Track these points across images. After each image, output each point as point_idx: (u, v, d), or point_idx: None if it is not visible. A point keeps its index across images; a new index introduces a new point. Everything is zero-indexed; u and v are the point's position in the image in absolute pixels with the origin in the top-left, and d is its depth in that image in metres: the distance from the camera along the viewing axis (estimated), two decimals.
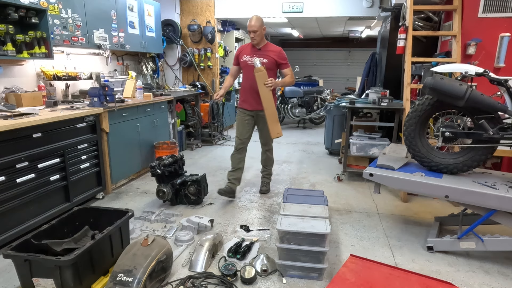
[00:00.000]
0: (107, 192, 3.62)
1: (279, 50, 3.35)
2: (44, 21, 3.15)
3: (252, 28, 3.20)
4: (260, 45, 3.31)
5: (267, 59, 3.25)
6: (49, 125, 2.80)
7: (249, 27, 3.21)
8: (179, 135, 5.27)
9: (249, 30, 3.23)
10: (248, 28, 3.22)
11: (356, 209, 3.34)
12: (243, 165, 3.55)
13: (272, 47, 3.36)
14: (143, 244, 2.08)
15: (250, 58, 3.30)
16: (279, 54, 3.32)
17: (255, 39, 3.24)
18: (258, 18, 3.22)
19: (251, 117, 3.44)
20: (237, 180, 3.51)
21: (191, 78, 6.62)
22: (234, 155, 3.51)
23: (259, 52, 3.30)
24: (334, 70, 12.34)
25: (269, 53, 3.29)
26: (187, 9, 6.36)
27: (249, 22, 3.22)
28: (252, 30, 3.20)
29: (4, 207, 2.47)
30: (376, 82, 5.22)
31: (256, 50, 3.32)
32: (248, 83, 3.33)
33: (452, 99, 2.32)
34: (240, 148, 3.47)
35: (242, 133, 3.45)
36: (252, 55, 3.31)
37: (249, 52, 3.35)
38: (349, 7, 5.76)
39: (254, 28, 3.19)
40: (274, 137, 3.24)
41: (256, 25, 3.19)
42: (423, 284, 1.85)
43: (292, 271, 2.24)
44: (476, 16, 3.45)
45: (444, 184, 2.34)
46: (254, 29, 3.20)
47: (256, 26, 3.19)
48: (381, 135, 4.27)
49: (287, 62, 3.39)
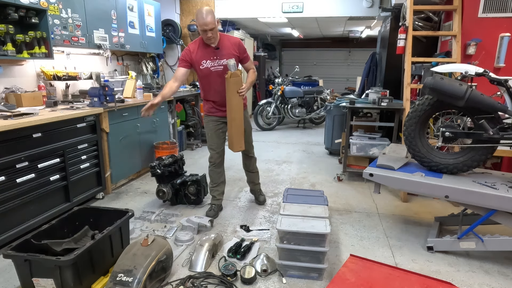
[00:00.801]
0: (107, 192, 3.62)
1: (238, 42, 2.84)
2: (44, 21, 3.15)
3: (209, 26, 2.58)
4: (216, 43, 2.74)
5: (230, 57, 2.72)
6: (49, 125, 2.80)
7: (203, 25, 2.58)
8: (179, 135, 5.27)
9: (204, 29, 2.60)
10: (202, 26, 2.59)
11: (356, 209, 3.34)
12: (225, 177, 3.25)
13: (229, 39, 2.83)
14: (143, 244, 2.08)
15: (212, 63, 2.78)
16: (239, 46, 2.82)
17: (213, 37, 2.67)
18: (210, 11, 2.61)
19: (224, 124, 3.01)
20: (222, 194, 3.23)
21: (191, 78, 6.62)
22: (214, 171, 3.12)
23: (220, 52, 2.76)
24: (334, 70, 12.35)
25: (230, 50, 2.79)
26: (187, 9, 6.36)
27: (203, 19, 2.56)
28: (209, 29, 2.60)
29: (4, 207, 2.47)
30: (376, 82, 5.22)
31: (213, 51, 2.76)
32: (217, 94, 2.87)
33: (452, 99, 2.32)
34: (219, 161, 3.11)
35: (219, 144, 3.05)
36: (213, 58, 2.76)
37: (207, 56, 2.77)
38: (349, 7, 5.76)
39: (211, 25, 2.59)
40: (237, 150, 2.90)
41: (213, 21, 2.59)
42: (423, 284, 1.85)
43: (292, 271, 2.24)
44: (476, 16, 3.45)
45: (444, 184, 2.34)
46: (211, 27, 2.59)
47: (212, 23, 2.59)
48: (381, 135, 4.27)
49: (247, 54, 2.92)
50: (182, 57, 2.84)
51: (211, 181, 3.18)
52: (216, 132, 3.03)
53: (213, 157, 3.11)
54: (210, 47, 2.77)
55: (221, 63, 2.79)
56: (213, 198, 3.20)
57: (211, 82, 2.87)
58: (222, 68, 2.80)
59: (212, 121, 3.02)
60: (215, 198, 3.19)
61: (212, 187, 3.19)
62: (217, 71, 2.81)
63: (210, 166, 3.15)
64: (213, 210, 3.13)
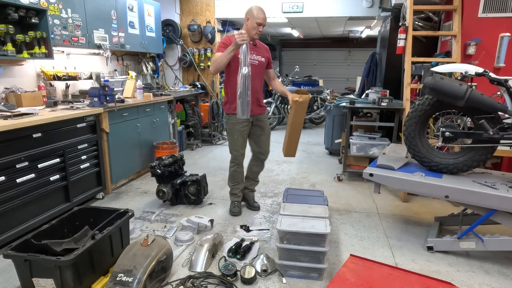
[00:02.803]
0: (107, 192, 3.62)
1: (268, 49, 3.05)
2: (44, 21, 3.15)
3: (265, 22, 2.82)
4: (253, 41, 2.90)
5: (263, 57, 2.94)
6: (49, 125, 2.80)
7: (263, 20, 2.78)
8: (179, 135, 5.27)
9: (261, 23, 2.78)
10: (261, 20, 2.78)
11: (356, 209, 3.34)
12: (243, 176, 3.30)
13: (263, 44, 3.04)
14: (143, 244, 2.08)
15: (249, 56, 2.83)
16: (268, 51, 3.02)
17: (260, 33, 2.87)
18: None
19: (249, 124, 3.01)
20: (241, 191, 3.28)
21: (191, 78, 6.62)
22: (237, 171, 3.15)
23: (256, 49, 2.91)
24: (334, 70, 12.35)
25: (263, 51, 2.97)
26: (187, 9, 6.36)
27: (263, 14, 2.78)
28: (264, 24, 2.82)
29: (4, 207, 2.47)
30: (376, 82, 5.22)
31: (251, 46, 2.87)
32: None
33: (452, 99, 2.32)
34: (242, 161, 3.14)
35: (244, 146, 3.06)
36: (250, 52, 2.80)
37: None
38: (349, 7, 5.76)
39: (265, 21, 2.82)
40: (287, 156, 2.95)
41: (266, 19, 2.83)
42: (423, 284, 1.85)
43: (292, 271, 2.24)
44: (476, 16, 3.45)
45: (444, 184, 2.34)
46: (265, 23, 2.82)
47: (266, 20, 2.83)
48: (381, 135, 4.27)
49: (271, 62, 3.12)
50: (222, 43, 2.82)
51: (234, 180, 3.21)
52: (241, 133, 3.00)
53: (237, 159, 3.10)
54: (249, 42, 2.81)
55: (256, 58, 2.88)
56: (235, 196, 3.24)
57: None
58: (257, 63, 2.90)
59: (238, 123, 2.95)
60: (237, 196, 3.24)
61: (234, 185, 3.23)
62: (252, 64, 2.82)
63: (233, 166, 3.15)
64: (237, 206, 3.21)
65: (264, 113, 3.11)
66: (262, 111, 3.07)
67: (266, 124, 3.13)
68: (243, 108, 2.68)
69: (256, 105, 2.96)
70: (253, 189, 3.37)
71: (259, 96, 3.03)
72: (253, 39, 2.86)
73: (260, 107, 3.04)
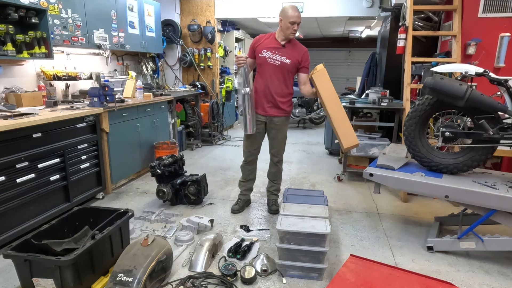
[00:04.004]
0: (107, 192, 3.62)
1: (305, 51, 2.91)
2: (44, 21, 3.15)
3: (300, 20, 2.74)
4: (286, 41, 2.86)
5: (290, 59, 2.84)
6: (49, 125, 2.80)
7: (297, 18, 2.72)
8: (179, 135, 5.27)
9: (295, 21, 2.72)
10: (295, 19, 2.72)
11: (356, 209, 3.34)
12: (255, 175, 3.31)
13: (298, 46, 2.91)
14: (143, 244, 2.08)
15: (271, 54, 2.84)
16: (303, 55, 2.89)
17: (295, 32, 2.79)
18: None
19: (263, 124, 3.02)
20: (249, 191, 3.33)
21: (191, 78, 6.62)
22: (244, 167, 3.22)
23: (283, 50, 2.84)
24: (334, 70, 12.31)
25: (293, 53, 2.86)
26: (187, 9, 6.35)
27: (297, 12, 2.72)
28: (299, 22, 2.75)
29: (4, 207, 2.47)
30: (376, 82, 5.22)
31: (279, 46, 2.84)
32: (263, 84, 2.91)
33: (452, 99, 2.32)
34: (251, 160, 3.17)
35: (252, 143, 3.10)
36: (274, 52, 2.83)
37: (270, 47, 2.86)
38: (349, 7, 5.75)
39: (300, 19, 2.74)
40: (348, 146, 2.67)
41: (300, 16, 2.75)
42: (423, 284, 1.85)
43: (292, 271, 2.24)
44: (476, 16, 3.45)
45: (444, 184, 2.34)
46: (300, 21, 2.75)
47: (300, 17, 2.75)
48: (381, 135, 4.28)
49: (308, 67, 2.95)
50: (251, 46, 2.99)
51: (242, 176, 3.29)
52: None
53: (245, 154, 3.19)
54: (278, 42, 2.86)
55: (279, 58, 2.85)
56: (240, 193, 3.32)
57: (264, 71, 2.91)
58: (279, 63, 2.85)
59: None
60: (242, 193, 3.31)
61: (241, 181, 3.30)
62: (272, 64, 2.86)
63: (242, 162, 3.25)
64: (238, 204, 3.26)
65: (282, 116, 2.99)
66: (279, 114, 2.97)
67: (281, 127, 3.02)
68: (245, 125, 2.89)
69: (270, 106, 2.95)
70: (272, 192, 3.29)
71: (278, 98, 2.92)
72: (289, 39, 2.84)
73: (278, 109, 2.95)
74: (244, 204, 3.30)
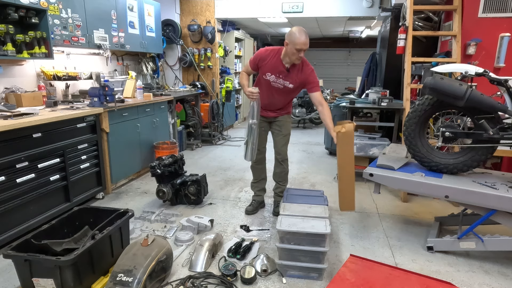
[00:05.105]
0: (107, 192, 3.62)
1: (310, 72, 2.79)
2: (44, 21, 3.15)
3: (307, 47, 2.61)
4: (290, 64, 2.74)
5: (293, 84, 2.80)
6: (49, 125, 2.80)
7: (304, 45, 2.58)
8: (179, 135, 5.27)
9: (302, 48, 2.59)
10: (302, 46, 2.58)
11: (356, 209, 3.33)
12: (266, 175, 3.28)
13: (304, 68, 2.78)
14: (143, 244, 2.08)
15: (275, 78, 2.80)
16: (308, 76, 2.79)
17: (301, 58, 2.69)
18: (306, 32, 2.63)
19: (267, 123, 3.08)
20: (262, 191, 3.30)
21: (191, 78, 6.62)
22: (254, 167, 3.21)
23: (287, 74, 2.77)
24: (334, 70, 12.33)
25: (297, 78, 2.79)
26: (187, 9, 6.35)
27: (305, 39, 2.57)
28: (305, 49, 2.62)
29: (4, 207, 2.47)
30: (376, 82, 5.22)
31: (283, 70, 2.76)
32: (267, 99, 2.91)
33: (452, 99, 2.32)
34: (259, 158, 3.12)
35: (260, 142, 3.03)
36: (278, 76, 2.78)
37: (275, 71, 2.79)
38: (349, 7, 5.75)
39: (307, 46, 2.61)
40: (343, 209, 2.71)
41: (308, 42, 2.61)
42: (423, 284, 1.85)
43: (292, 271, 2.24)
44: (476, 16, 3.45)
45: (444, 184, 2.34)
46: (307, 48, 2.62)
47: (308, 44, 2.62)
48: (381, 135, 4.27)
49: (316, 83, 2.82)
50: (254, 59, 2.87)
51: (253, 177, 3.29)
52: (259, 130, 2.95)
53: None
54: (282, 65, 2.76)
55: (282, 82, 2.82)
56: (253, 194, 3.33)
57: (267, 90, 2.89)
58: (282, 87, 2.84)
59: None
60: (255, 194, 3.31)
61: (253, 183, 3.30)
62: (276, 87, 2.86)
63: (252, 163, 3.21)
64: (252, 205, 3.25)
65: (283, 114, 3.04)
66: (280, 114, 3.03)
67: (284, 124, 3.04)
68: (246, 152, 2.89)
69: (273, 111, 3.02)
70: (278, 193, 3.22)
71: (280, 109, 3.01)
72: (293, 64, 2.75)
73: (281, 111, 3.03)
74: (258, 205, 3.27)
